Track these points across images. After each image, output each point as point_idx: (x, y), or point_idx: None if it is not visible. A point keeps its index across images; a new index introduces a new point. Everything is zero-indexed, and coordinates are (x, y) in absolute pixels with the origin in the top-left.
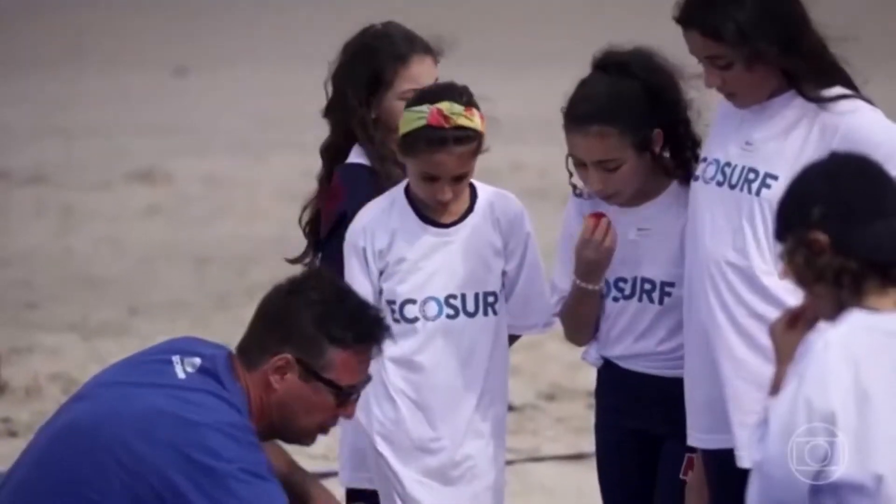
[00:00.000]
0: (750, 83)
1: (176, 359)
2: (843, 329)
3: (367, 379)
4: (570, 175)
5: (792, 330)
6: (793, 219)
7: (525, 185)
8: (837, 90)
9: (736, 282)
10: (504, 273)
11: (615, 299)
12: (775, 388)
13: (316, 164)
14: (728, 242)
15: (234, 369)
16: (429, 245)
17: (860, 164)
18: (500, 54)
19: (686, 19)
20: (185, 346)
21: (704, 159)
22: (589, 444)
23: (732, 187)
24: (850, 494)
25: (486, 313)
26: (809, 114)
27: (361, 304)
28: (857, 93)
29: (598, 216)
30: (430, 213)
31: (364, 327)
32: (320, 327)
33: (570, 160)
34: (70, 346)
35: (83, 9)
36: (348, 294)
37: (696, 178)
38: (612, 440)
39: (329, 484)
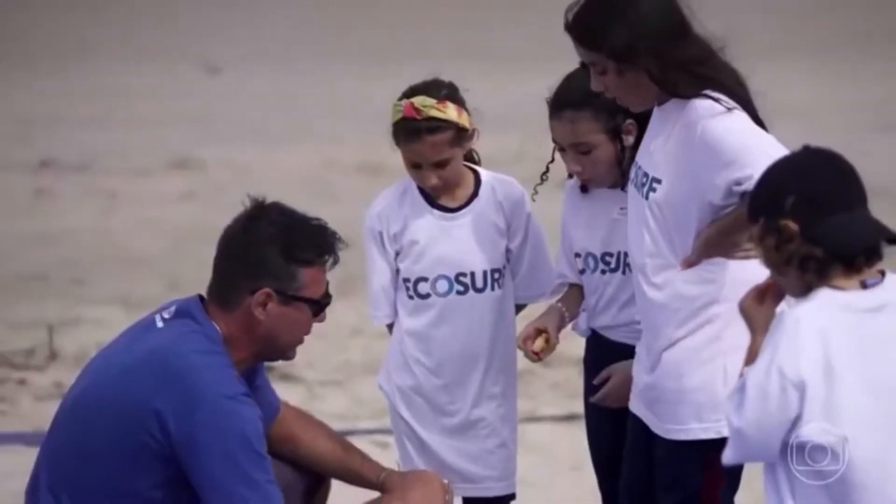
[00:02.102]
0: (626, 88)
1: (157, 315)
2: (813, 305)
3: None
4: (552, 160)
5: (760, 304)
6: (766, 205)
7: (527, 173)
8: (705, 94)
9: (642, 281)
10: (509, 250)
11: (602, 272)
12: (750, 358)
13: (334, 153)
14: (637, 244)
15: (206, 310)
16: (438, 228)
17: (830, 159)
18: (506, 53)
19: (567, 27)
20: (164, 305)
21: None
22: (581, 406)
23: (638, 191)
24: (818, 454)
25: (493, 288)
26: (682, 118)
27: (312, 223)
28: (731, 97)
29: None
30: (437, 198)
31: (322, 242)
32: (288, 256)
33: (555, 146)
34: (114, 317)
35: (129, 6)
36: (296, 216)
37: (630, 182)
38: (598, 406)
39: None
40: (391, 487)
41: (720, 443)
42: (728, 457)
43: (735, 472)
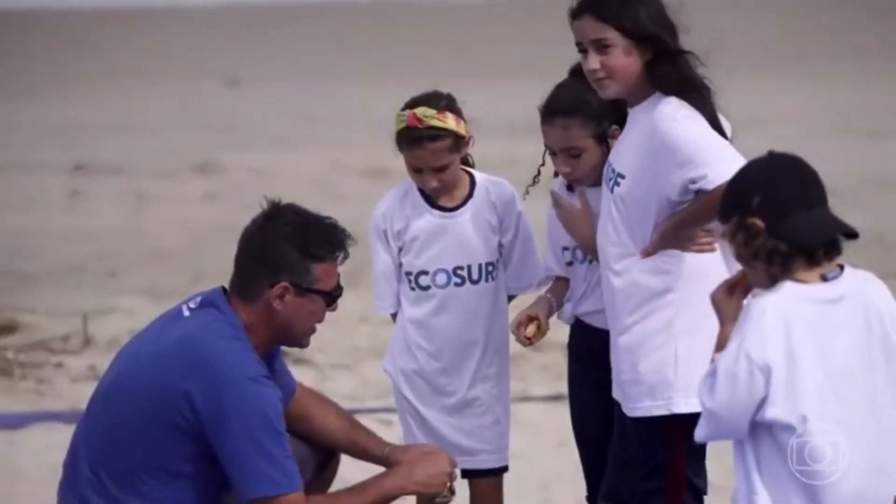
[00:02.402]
0: (622, 67)
1: (183, 305)
2: (777, 297)
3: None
4: (542, 164)
5: (730, 297)
6: (736, 205)
7: (518, 176)
8: (676, 96)
9: (605, 268)
10: (501, 245)
11: (590, 262)
12: (720, 345)
13: (342, 158)
14: (603, 233)
15: (228, 300)
16: (437, 226)
17: (792, 163)
18: (498, 68)
19: (581, 8)
20: (190, 296)
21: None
22: (567, 387)
23: (606, 185)
24: (781, 432)
25: (487, 280)
26: (648, 120)
27: (324, 222)
28: (698, 104)
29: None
30: (436, 199)
31: (334, 240)
32: (303, 253)
33: (547, 150)
34: (143, 307)
35: (158, 26)
36: (310, 216)
37: (603, 178)
38: (580, 387)
39: (357, 418)
40: (395, 461)
41: (678, 420)
42: (701, 435)
43: (696, 449)
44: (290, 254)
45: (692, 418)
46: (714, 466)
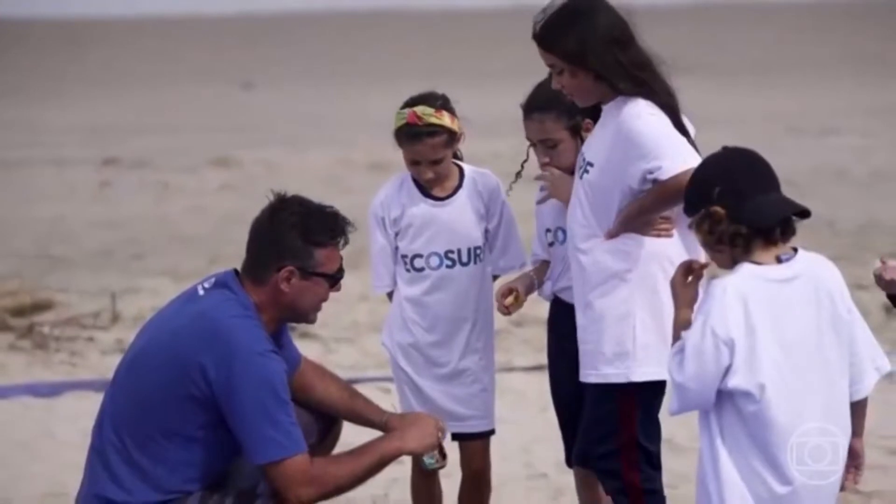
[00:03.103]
0: (578, 86)
1: (199, 286)
2: (736, 277)
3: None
4: (526, 159)
5: (687, 282)
6: (699, 197)
7: (502, 168)
8: (638, 96)
9: (573, 247)
10: (487, 230)
11: None
12: (677, 327)
13: (347, 154)
14: (573, 216)
15: (240, 282)
16: (430, 214)
17: (746, 155)
18: (487, 72)
19: (533, 36)
20: (205, 277)
21: None
22: (546, 359)
23: (577, 173)
24: (742, 399)
25: (475, 262)
26: (615, 116)
27: (326, 211)
28: (658, 102)
29: (511, 292)
30: (430, 189)
31: (335, 227)
32: (306, 239)
33: (529, 142)
34: (165, 287)
35: (180, 34)
36: (312, 206)
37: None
38: (558, 359)
39: (358, 387)
40: (392, 427)
41: (633, 387)
42: (673, 408)
43: (649, 415)
44: (295, 241)
45: (646, 386)
46: (681, 430)
